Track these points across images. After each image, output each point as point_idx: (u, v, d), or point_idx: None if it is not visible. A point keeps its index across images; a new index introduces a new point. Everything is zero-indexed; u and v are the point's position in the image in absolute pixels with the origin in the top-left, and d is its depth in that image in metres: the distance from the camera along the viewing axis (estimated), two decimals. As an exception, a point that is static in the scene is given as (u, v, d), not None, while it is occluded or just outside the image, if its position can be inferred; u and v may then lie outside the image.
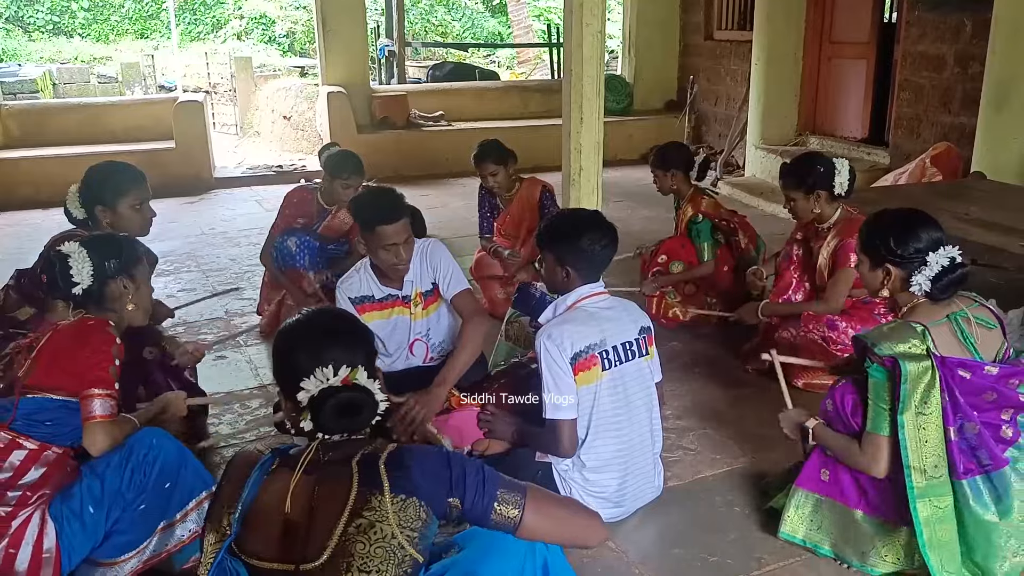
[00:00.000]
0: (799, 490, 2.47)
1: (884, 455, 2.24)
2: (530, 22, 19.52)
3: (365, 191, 3.13)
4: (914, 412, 2.16)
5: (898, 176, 6.12)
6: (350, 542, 1.49)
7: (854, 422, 2.32)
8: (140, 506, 2.21)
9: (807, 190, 3.48)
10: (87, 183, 2.93)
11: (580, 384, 2.48)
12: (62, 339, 2.21)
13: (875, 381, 2.23)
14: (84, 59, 18.35)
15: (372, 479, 1.53)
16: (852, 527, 2.39)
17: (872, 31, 7.35)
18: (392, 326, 3.07)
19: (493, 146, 4.50)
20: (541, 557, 1.74)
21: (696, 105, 9.42)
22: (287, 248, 4.02)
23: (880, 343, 2.21)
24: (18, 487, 2.10)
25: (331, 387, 1.57)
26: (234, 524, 1.55)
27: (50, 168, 7.35)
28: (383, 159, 8.21)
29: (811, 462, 2.46)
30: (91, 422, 2.16)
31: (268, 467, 1.61)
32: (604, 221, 2.64)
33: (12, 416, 2.12)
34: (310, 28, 18.41)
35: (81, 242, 2.25)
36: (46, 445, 2.14)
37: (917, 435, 2.17)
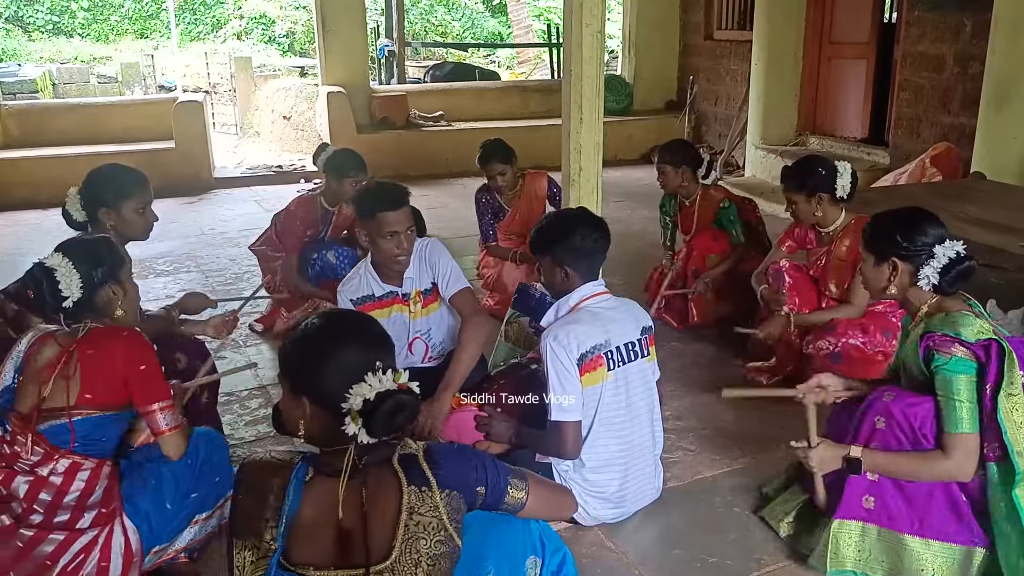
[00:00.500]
0: (843, 522, 2.32)
1: (975, 454, 2.13)
2: (530, 22, 19.52)
3: (367, 185, 3.14)
4: (1006, 394, 2.08)
5: (898, 176, 6.12)
6: (413, 539, 1.57)
7: (921, 435, 2.19)
8: (193, 494, 2.29)
9: (808, 193, 3.45)
10: (90, 185, 2.90)
11: (586, 385, 2.48)
12: (101, 354, 2.14)
13: (951, 377, 2.13)
14: (84, 59, 18.35)
15: (419, 477, 1.60)
16: (904, 553, 2.26)
17: (872, 31, 7.35)
18: (391, 324, 3.07)
19: (498, 146, 4.52)
20: (536, 531, 1.91)
21: (696, 105, 9.42)
22: (328, 262, 4.07)
23: (962, 332, 2.13)
24: (90, 507, 2.12)
25: (388, 391, 1.57)
26: (279, 538, 1.56)
27: (49, 168, 7.35)
28: (383, 159, 8.21)
29: (851, 491, 2.30)
30: (165, 435, 2.19)
31: (303, 476, 1.61)
32: (592, 216, 2.68)
33: (72, 440, 2.09)
34: (310, 28, 18.40)
35: (64, 252, 2.20)
36: (103, 461, 2.16)
37: (1012, 417, 2.09)
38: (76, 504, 2.09)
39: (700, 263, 4.26)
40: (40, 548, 2.05)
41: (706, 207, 4.30)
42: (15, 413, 2.11)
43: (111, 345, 2.15)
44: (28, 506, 2.07)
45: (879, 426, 2.27)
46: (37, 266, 2.19)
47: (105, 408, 2.13)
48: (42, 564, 2.05)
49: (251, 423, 3.37)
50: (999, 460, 2.14)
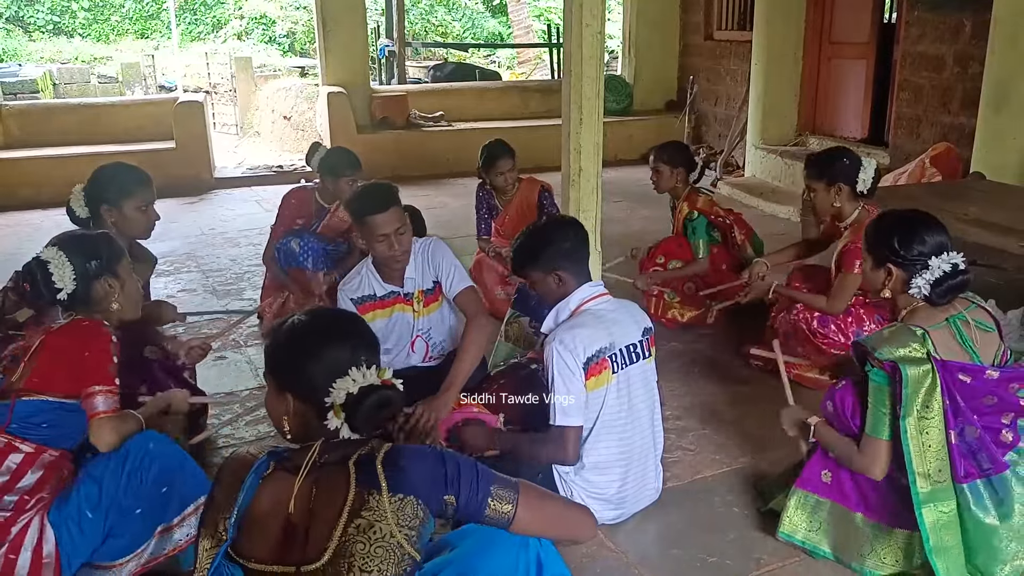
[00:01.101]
0: (799, 491, 2.46)
1: (882, 459, 2.24)
2: (530, 22, 19.52)
3: (358, 187, 3.15)
4: (916, 416, 2.15)
5: (898, 176, 6.12)
6: (350, 542, 1.49)
7: (853, 424, 2.31)
8: (137, 510, 2.20)
9: (828, 182, 3.45)
10: (94, 182, 2.93)
11: (591, 388, 2.47)
12: (58, 341, 2.18)
13: (875, 385, 2.23)
14: (84, 59, 18.35)
15: (369, 479, 1.53)
16: (852, 529, 2.38)
17: (872, 31, 7.35)
18: (393, 323, 3.07)
19: (503, 145, 4.55)
20: (534, 552, 1.75)
21: (696, 105, 9.42)
22: (290, 249, 4.03)
23: (880, 347, 2.20)
24: (15, 491, 2.09)
25: (371, 385, 1.57)
26: (230, 529, 1.54)
27: (50, 168, 7.35)
28: (383, 159, 8.22)
29: (812, 463, 2.44)
30: (96, 418, 2.15)
31: (263, 470, 1.60)
32: (562, 218, 2.75)
33: (8, 420, 2.10)
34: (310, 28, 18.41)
35: (59, 245, 2.21)
36: (42, 448, 2.13)
37: (920, 439, 2.16)
38: (2, 486, 2.08)
39: (653, 263, 4.31)
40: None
41: (681, 213, 4.30)
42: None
43: (70, 333, 2.18)
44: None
45: (829, 408, 2.41)
46: (33, 259, 2.22)
47: (48, 393, 2.13)
48: None
49: (251, 423, 3.37)
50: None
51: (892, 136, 6.91)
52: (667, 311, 4.27)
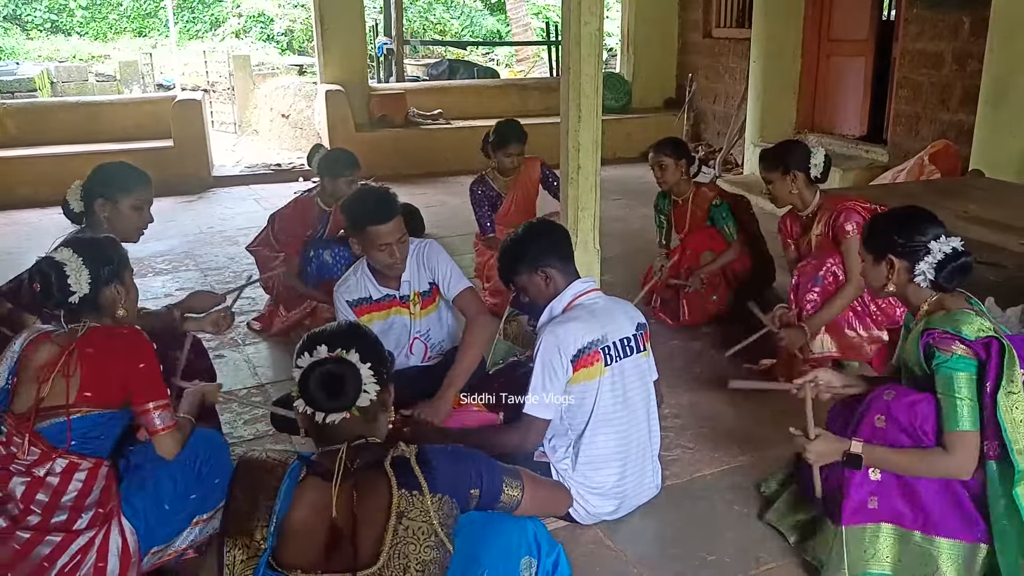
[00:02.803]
0: (850, 528, 2.28)
1: (975, 452, 2.12)
2: (528, 20, 19.49)
3: (354, 191, 3.11)
4: (1005, 392, 2.08)
5: (897, 174, 6.12)
6: (402, 543, 1.55)
7: (922, 432, 2.18)
8: (192, 495, 2.29)
9: (784, 171, 3.55)
10: (94, 177, 2.91)
11: (581, 380, 2.48)
12: (101, 352, 2.13)
13: (952, 374, 2.12)
14: (82, 57, 18.32)
15: (409, 481, 1.59)
16: (910, 549, 2.25)
17: (871, 28, 7.34)
18: (390, 326, 3.07)
19: (518, 127, 4.58)
20: (531, 531, 1.90)
21: (695, 103, 9.42)
22: (324, 261, 4.07)
23: (963, 329, 2.12)
24: (87, 507, 2.11)
25: (317, 360, 1.62)
26: (269, 538, 1.55)
27: (48, 167, 7.34)
28: (381, 157, 8.20)
29: (855, 495, 2.27)
30: (159, 435, 2.18)
31: (296, 476, 1.61)
32: (538, 220, 2.79)
33: (69, 439, 2.08)
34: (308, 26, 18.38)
35: (73, 248, 2.20)
36: (100, 461, 2.14)
37: (1011, 415, 2.08)
38: (73, 504, 2.08)
39: (695, 261, 4.29)
40: (38, 550, 2.04)
41: (699, 205, 4.31)
42: (10, 414, 2.10)
43: (112, 343, 2.15)
44: (25, 507, 2.06)
45: (879, 424, 2.24)
46: (45, 260, 2.18)
47: (104, 406, 2.12)
48: (39, 565, 2.04)
49: (250, 422, 3.37)
50: (998, 458, 2.14)
51: (891, 133, 6.91)
52: (700, 307, 4.22)
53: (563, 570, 1.95)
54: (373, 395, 1.64)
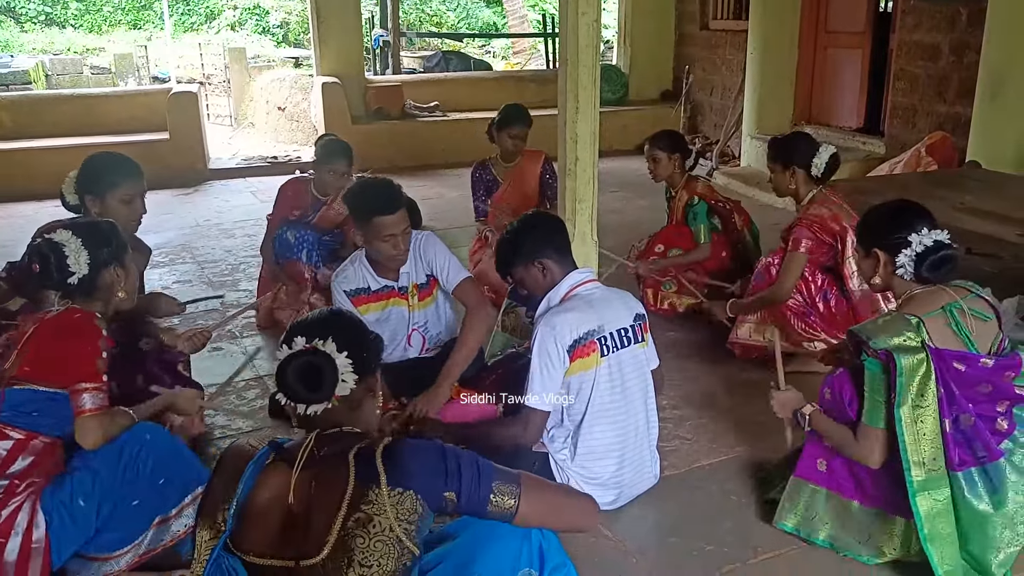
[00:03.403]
0: (796, 480, 2.47)
1: (879, 447, 2.24)
2: (525, 12, 19.43)
3: (360, 181, 3.11)
4: (911, 405, 2.16)
5: (893, 165, 6.13)
6: (349, 536, 1.49)
7: (850, 412, 2.32)
8: (134, 501, 2.20)
9: (784, 164, 3.57)
10: (82, 171, 2.90)
11: (577, 371, 2.48)
12: (48, 331, 2.18)
13: (871, 374, 2.24)
14: (77, 50, 18.22)
15: (369, 472, 1.53)
16: (848, 517, 2.40)
17: (868, 20, 7.34)
18: (387, 317, 3.06)
19: (524, 110, 4.59)
20: (536, 542, 1.75)
21: (692, 95, 9.40)
22: (286, 240, 4.03)
23: (875, 336, 2.21)
24: (5, 476, 2.09)
25: (293, 352, 1.60)
26: (229, 520, 1.53)
27: (44, 159, 7.30)
28: (378, 150, 8.19)
29: (807, 452, 2.45)
30: (82, 416, 2.13)
31: (263, 461, 1.60)
32: (535, 213, 2.78)
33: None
34: (304, 19, 18.30)
35: (73, 230, 2.20)
36: (33, 434, 2.13)
37: (915, 428, 2.17)
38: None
39: (652, 252, 4.30)
40: None
41: (681, 200, 4.29)
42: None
43: (61, 323, 2.17)
44: None
45: (826, 396, 2.40)
46: (44, 241, 2.19)
47: (39, 382, 2.13)
48: None
49: (248, 414, 3.37)
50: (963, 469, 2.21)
51: (888, 125, 6.91)
52: (664, 301, 4.27)
53: None
54: (352, 384, 1.60)
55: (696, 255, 4.21)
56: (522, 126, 4.55)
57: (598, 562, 2.43)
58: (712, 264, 4.22)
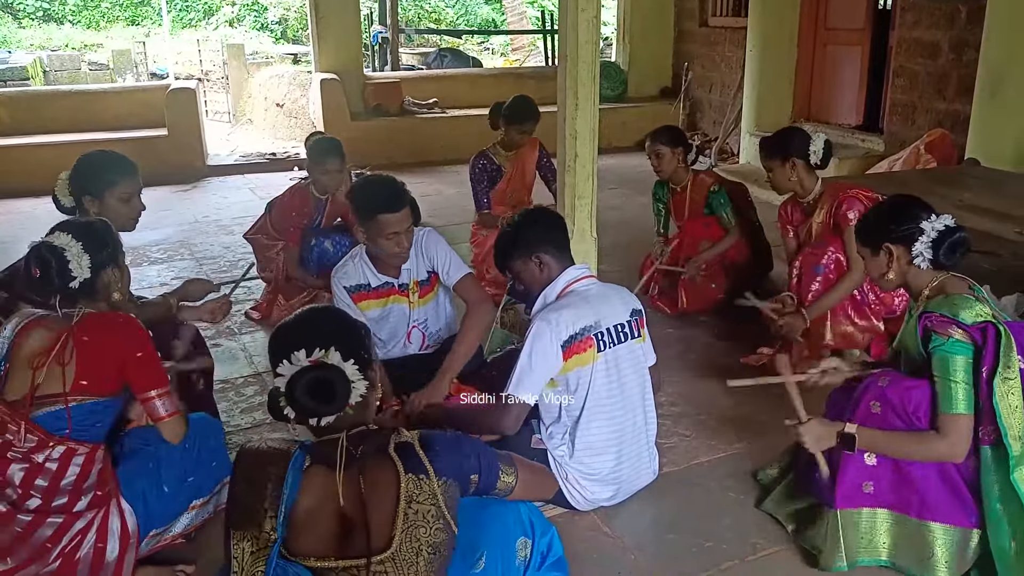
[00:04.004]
0: (845, 512, 2.30)
1: (968, 435, 2.12)
2: (524, 9, 19.42)
3: (364, 178, 3.09)
4: (1001, 378, 2.08)
5: (892, 163, 6.12)
6: (413, 527, 1.57)
7: (916, 418, 2.19)
8: (190, 478, 2.31)
9: (783, 158, 3.54)
10: (76, 171, 2.86)
11: (574, 366, 2.48)
12: (98, 340, 2.14)
13: (947, 357, 2.12)
14: (75, 46, 18.20)
15: (415, 465, 1.61)
16: (905, 535, 2.28)
17: (867, 17, 7.33)
18: (388, 314, 3.06)
19: (533, 103, 4.62)
20: (525, 514, 1.97)
21: (691, 92, 9.40)
22: (325, 249, 4.08)
23: (960, 313, 2.12)
24: (86, 491, 2.11)
25: (301, 368, 1.58)
26: (279, 528, 1.55)
27: (41, 155, 7.28)
28: (376, 146, 8.18)
29: (847, 479, 2.28)
30: (164, 421, 2.21)
31: (301, 465, 1.61)
32: (533, 208, 2.78)
33: (68, 427, 2.10)
34: (303, 15, 18.29)
35: (71, 233, 2.19)
36: (97, 446, 2.15)
37: (1008, 400, 2.09)
38: (73, 488, 2.09)
39: (693, 249, 4.28)
40: (39, 532, 2.06)
41: (697, 192, 4.30)
42: (2, 400, 2.10)
43: (108, 331, 2.15)
44: (24, 491, 2.06)
45: (875, 410, 2.25)
46: (43, 245, 2.17)
47: (100, 395, 2.13)
48: (41, 547, 2.05)
49: (247, 410, 3.37)
50: (993, 444, 2.15)
51: (887, 123, 6.91)
52: (697, 294, 4.21)
53: (556, 550, 2.01)
54: (363, 390, 1.63)
55: (729, 240, 4.23)
56: (533, 123, 4.59)
57: (597, 558, 2.43)
58: (731, 252, 4.22)
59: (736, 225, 4.22)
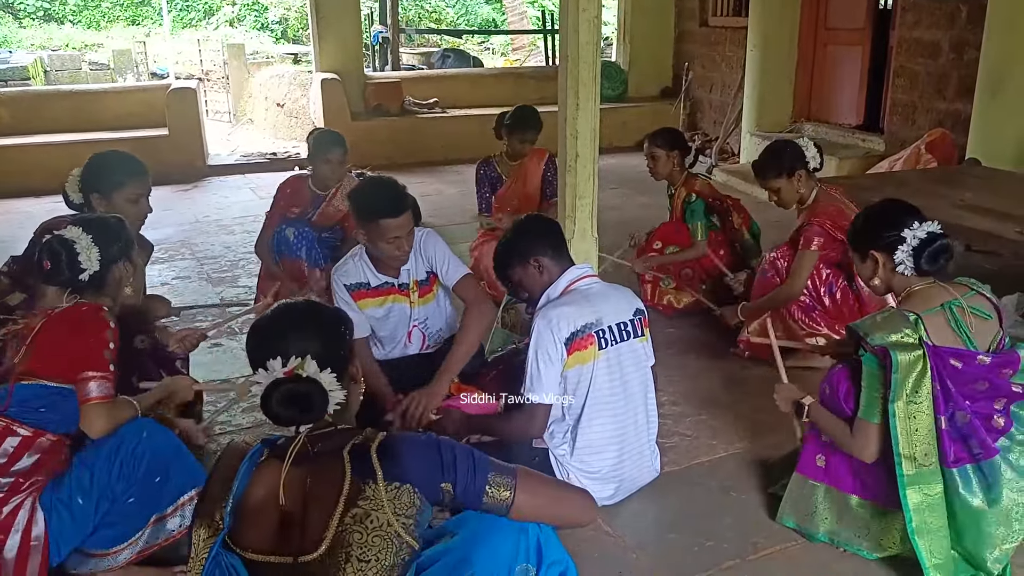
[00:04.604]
0: (797, 476, 2.48)
1: (874, 442, 2.25)
2: (524, 8, 19.42)
3: (365, 181, 3.08)
4: (905, 401, 2.17)
5: (893, 163, 6.12)
6: (347, 532, 1.49)
7: (847, 407, 2.33)
8: (129, 499, 2.20)
9: (788, 174, 3.54)
10: (88, 169, 2.89)
11: (575, 364, 2.48)
12: (56, 326, 2.17)
13: (867, 370, 2.25)
14: (75, 46, 18.20)
15: (364, 468, 1.53)
16: (847, 512, 2.40)
17: (867, 17, 7.34)
18: (388, 313, 3.06)
19: (535, 113, 4.62)
20: (534, 537, 1.74)
21: (691, 92, 9.40)
22: (285, 237, 4.00)
23: (872, 333, 2.22)
24: (10, 474, 2.09)
25: (276, 380, 1.55)
26: (227, 518, 1.53)
27: (42, 155, 7.30)
28: (377, 146, 8.19)
29: (807, 448, 2.46)
30: (88, 404, 2.14)
31: (257, 458, 1.59)
32: (522, 220, 2.78)
33: (7, 404, 2.09)
34: (303, 15, 18.29)
35: (84, 227, 2.21)
36: (40, 432, 2.12)
37: (908, 424, 2.18)
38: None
39: (650, 248, 4.31)
40: None
41: (679, 197, 4.29)
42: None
43: (64, 317, 2.16)
44: None
45: (826, 391, 2.42)
46: (55, 238, 2.18)
47: (48, 378, 2.12)
48: None
49: (248, 410, 3.36)
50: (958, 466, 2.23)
51: (887, 122, 6.91)
52: (663, 297, 4.28)
53: None
54: (341, 397, 1.59)
55: (691, 253, 4.22)
56: (534, 132, 4.58)
57: (598, 557, 2.43)
58: (708, 263, 4.22)
59: (703, 240, 4.19)
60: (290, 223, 4.05)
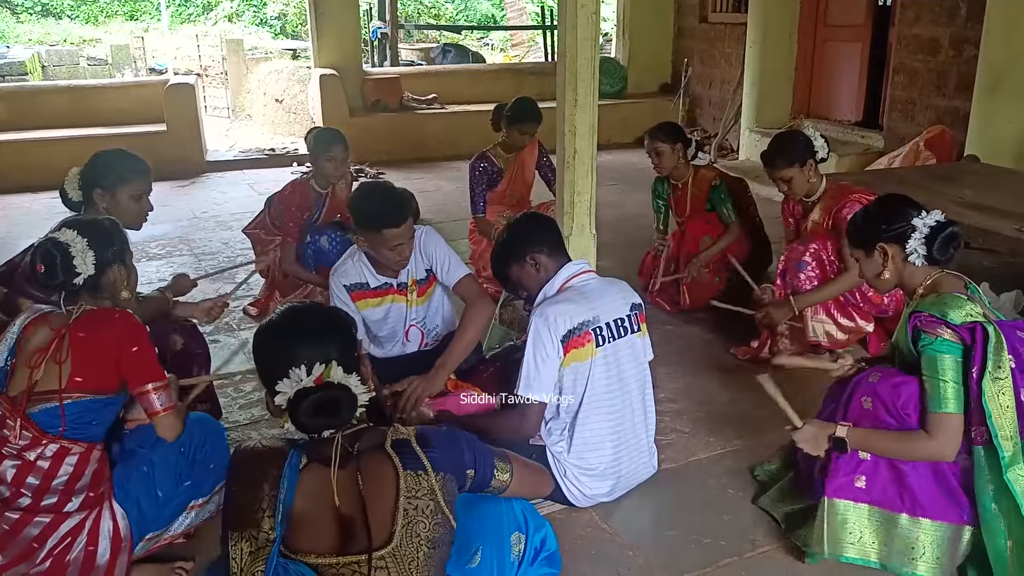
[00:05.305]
0: (833, 502, 2.30)
1: (958, 434, 2.12)
2: (523, 4, 19.39)
3: (366, 188, 3.06)
4: (991, 378, 2.08)
5: (892, 159, 6.12)
6: (413, 523, 1.59)
7: (906, 415, 2.19)
8: (187, 481, 2.28)
9: (801, 163, 3.51)
10: (92, 166, 2.88)
11: (572, 361, 2.48)
12: (94, 336, 2.11)
13: (936, 356, 2.12)
14: (73, 41, 18.17)
15: (412, 461, 1.63)
16: (896, 533, 2.26)
17: (867, 14, 7.32)
18: (386, 312, 3.06)
19: (535, 105, 4.60)
20: (518, 508, 2.01)
21: (690, 88, 9.39)
22: (320, 247, 4.06)
23: (948, 312, 2.12)
24: (78, 491, 2.10)
25: (305, 388, 1.57)
26: (278, 527, 1.55)
27: (39, 151, 7.28)
28: (376, 142, 8.18)
29: (841, 470, 2.29)
30: (159, 416, 2.17)
31: (297, 464, 1.61)
32: (518, 219, 2.79)
33: (62, 426, 2.07)
34: (302, 10, 18.25)
35: (77, 229, 2.18)
36: (92, 445, 2.13)
37: (998, 401, 2.08)
38: (64, 488, 2.08)
39: (694, 247, 4.25)
40: (27, 530, 2.04)
41: (699, 188, 4.27)
42: (4, 396, 2.09)
43: (103, 327, 2.13)
44: (15, 490, 2.05)
45: (866, 406, 2.27)
46: (49, 241, 2.16)
47: (96, 392, 2.11)
48: (28, 546, 2.04)
49: (245, 406, 3.36)
50: (986, 444, 2.14)
51: (887, 119, 6.90)
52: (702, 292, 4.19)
53: (550, 545, 2.04)
54: (366, 400, 1.64)
55: (730, 237, 4.18)
56: (535, 124, 4.57)
57: (595, 554, 2.43)
58: (732, 247, 4.20)
59: (736, 221, 4.20)
60: (318, 232, 4.09)
